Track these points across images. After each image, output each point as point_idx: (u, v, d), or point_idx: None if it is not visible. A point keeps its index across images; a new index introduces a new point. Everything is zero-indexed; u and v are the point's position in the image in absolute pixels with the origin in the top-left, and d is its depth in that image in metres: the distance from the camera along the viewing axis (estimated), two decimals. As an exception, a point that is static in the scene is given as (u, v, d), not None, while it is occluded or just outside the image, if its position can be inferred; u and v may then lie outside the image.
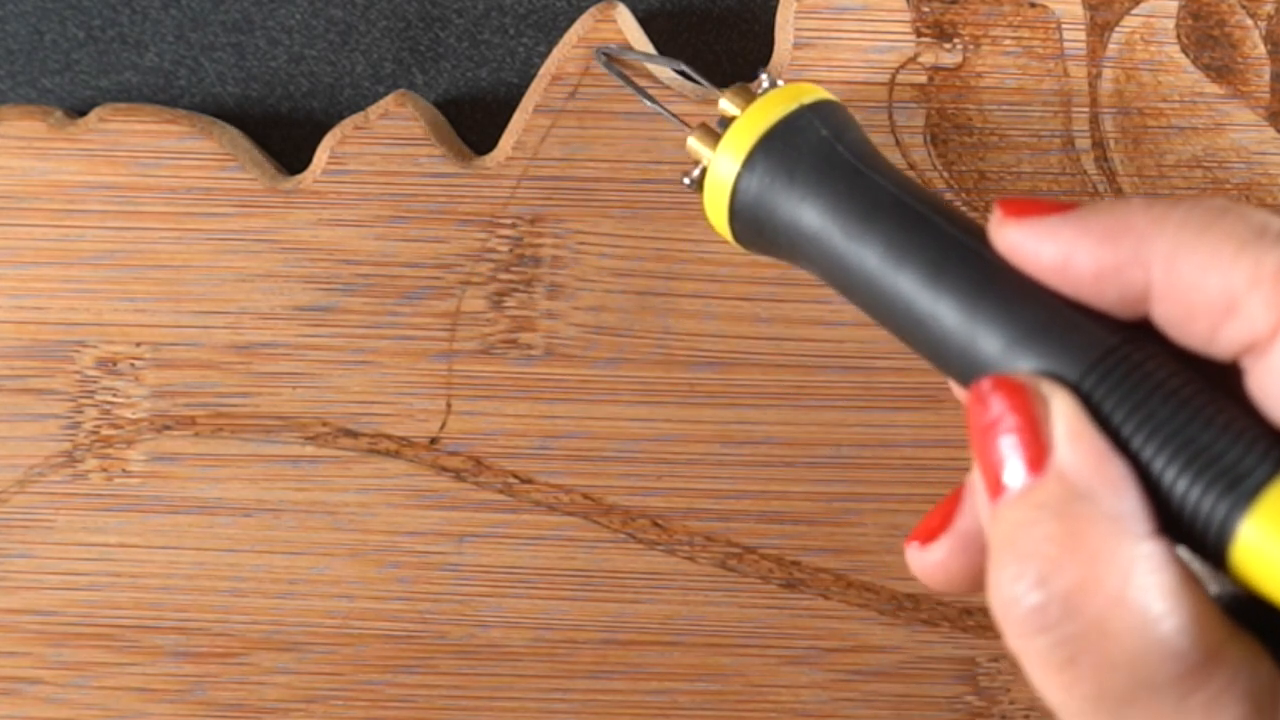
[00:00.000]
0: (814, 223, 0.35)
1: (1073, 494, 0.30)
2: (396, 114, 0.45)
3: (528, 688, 0.46)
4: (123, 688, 0.46)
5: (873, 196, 0.35)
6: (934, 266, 0.33)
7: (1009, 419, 0.31)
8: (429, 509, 0.46)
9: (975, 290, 0.33)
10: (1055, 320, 0.32)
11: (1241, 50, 0.44)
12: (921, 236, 0.34)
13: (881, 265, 0.34)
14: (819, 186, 0.35)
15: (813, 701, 0.46)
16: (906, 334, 0.34)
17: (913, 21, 0.44)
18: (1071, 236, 0.32)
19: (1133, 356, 0.31)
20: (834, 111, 0.37)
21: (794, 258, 0.36)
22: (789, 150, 0.36)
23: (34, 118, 0.45)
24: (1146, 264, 0.31)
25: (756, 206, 0.36)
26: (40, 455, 0.46)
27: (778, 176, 0.36)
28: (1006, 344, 0.32)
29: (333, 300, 0.45)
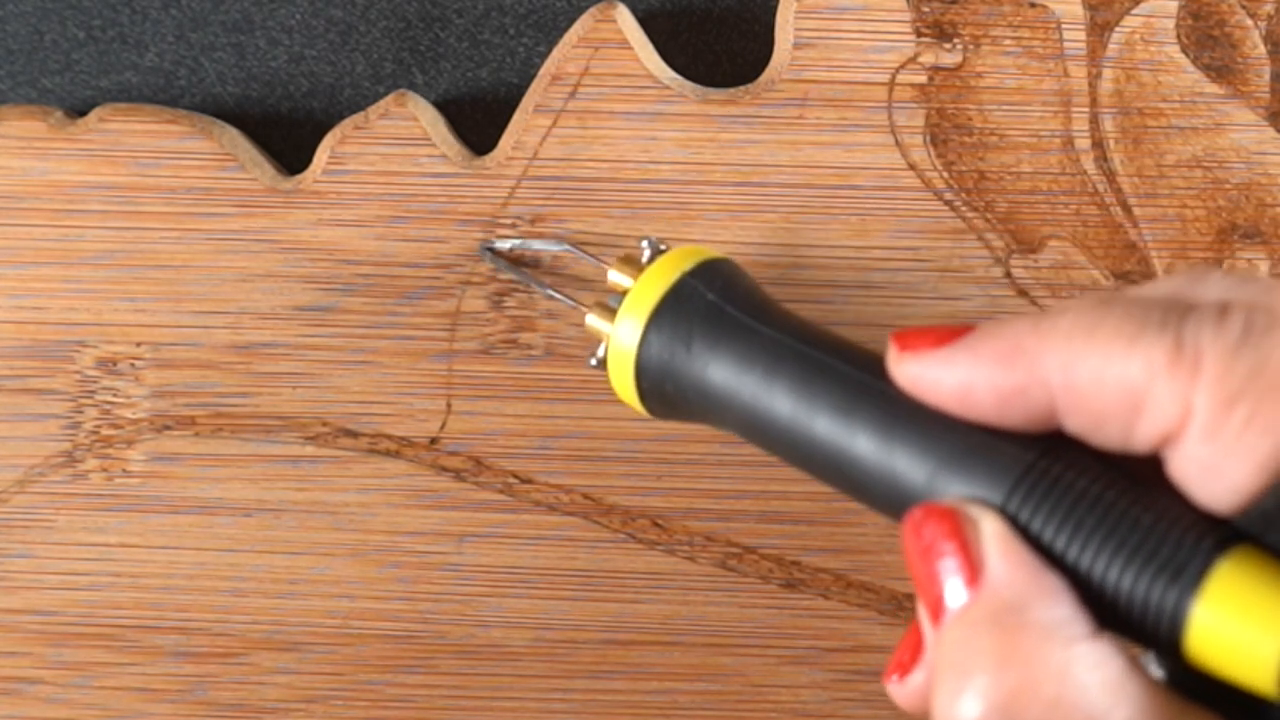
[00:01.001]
0: (719, 386, 0.36)
1: (1006, 608, 0.30)
2: (396, 114, 0.45)
3: (528, 688, 0.46)
4: (123, 688, 0.46)
5: (771, 352, 0.35)
6: (844, 412, 0.34)
7: (942, 544, 0.31)
8: (429, 509, 0.46)
9: (888, 429, 0.33)
10: (972, 446, 0.32)
11: (1241, 50, 0.44)
12: (827, 384, 0.34)
13: (793, 417, 0.35)
14: (716, 351, 0.36)
15: (813, 701, 0.46)
16: (831, 478, 0.35)
17: (913, 21, 0.44)
18: (966, 366, 0.32)
19: (1052, 470, 0.31)
20: (718, 271, 0.38)
21: (707, 420, 0.37)
22: (680, 321, 0.37)
23: (34, 118, 0.45)
24: (1044, 382, 0.31)
25: (662, 379, 0.37)
26: (40, 455, 0.46)
27: (675, 348, 0.37)
28: (929, 476, 0.32)
29: (333, 300, 0.45)
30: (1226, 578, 0.30)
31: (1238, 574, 0.30)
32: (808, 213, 0.45)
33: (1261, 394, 0.29)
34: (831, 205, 0.45)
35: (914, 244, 0.45)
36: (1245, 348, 0.30)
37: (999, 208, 0.45)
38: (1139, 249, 0.45)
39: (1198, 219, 0.44)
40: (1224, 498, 0.30)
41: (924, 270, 0.45)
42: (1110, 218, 0.45)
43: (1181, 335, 0.30)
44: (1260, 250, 0.44)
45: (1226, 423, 0.30)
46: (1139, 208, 0.44)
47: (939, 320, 0.45)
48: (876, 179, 0.44)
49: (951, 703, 0.30)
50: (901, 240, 0.45)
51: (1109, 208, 0.45)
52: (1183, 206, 0.44)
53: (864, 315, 0.45)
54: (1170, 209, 0.44)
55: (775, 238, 0.45)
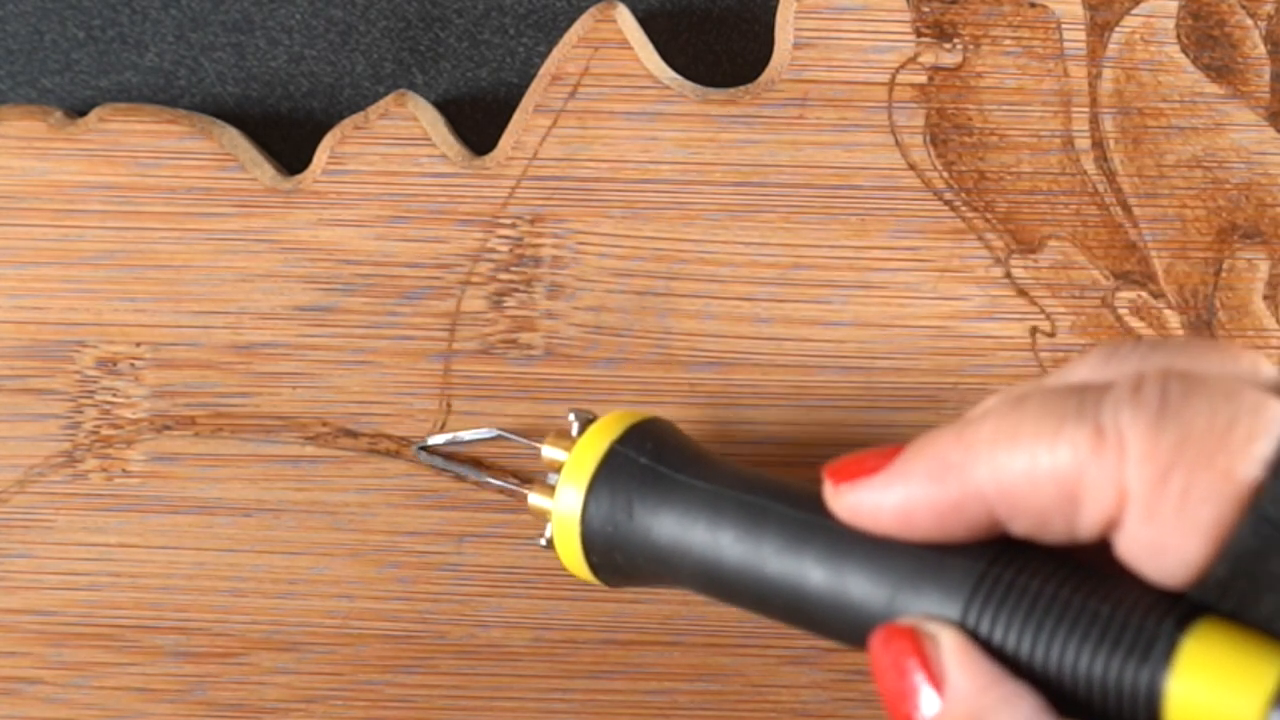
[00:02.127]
0: (667, 545, 0.37)
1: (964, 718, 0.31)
2: (396, 114, 0.45)
3: (528, 688, 0.46)
4: (123, 688, 0.46)
5: (712, 504, 0.36)
6: (792, 552, 0.34)
7: (905, 661, 0.32)
8: (429, 509, 0.46)
9: (838, 561, 0.34)
10: (922, 565, 0.33)
11: (1241, 50, 0.44)
12: (771, 527, 0.35)
13: (743, 564, 0.35)
14: (658, 512, 0.37)
15: (813, 701, 0.46)
16: (789, 617, 0.35)
17: (913, 21, 0.44)
18: (900, 490, 0.32)
19: (1004, 576, 0.32)
20: (648, 433, 0.38)
21: (662, 580, 0.38)
22: (618, 489, 0.38)
23: (34, 118, 0.45)
24: (978, 492, 0.31)
25: (610, 549, 0.38)
26: (40, 455, 0.46)
27: (617, 516, 0.37)
28: (887, 601, 0.33)
29: (333, 300, 0.45)
30: (1195, 650, 0.30)
31: (1205, 644, 0.30)
32: (808, 213, 0.45)
33: (1192, 463, 0.29)
34: (831, 205, 0.45)
35: (914, 244, 0.45)
36: (1165, 419, 0.29)
37: (999, 208, 0.45)
38: (1139, 249, 0.45)
39: (1198, 219, 0.44)
40: (1175, 573, 0.30)
41: (924, 270, 0.45)
42: (1110, 218, 0.45)
43: (1100, 418, 0.30)
44: (1260, 250, 0.44)
45: (1163, 499, 0.29)
46: (1139, 208, 0.44)
47: (940, 319, 0.45)
48: (876, 179, 0.44)
49: None
50: (901, 240, 0.45)
51: (1109, 208, 0.45)
52: (1183, 206, 0.44)
53: (864, 315, 0.45)
54: (1170, 209, 0.44)
55: (775, 238, 0.45)
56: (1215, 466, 0.29)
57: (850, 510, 0.33)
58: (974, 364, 0.45)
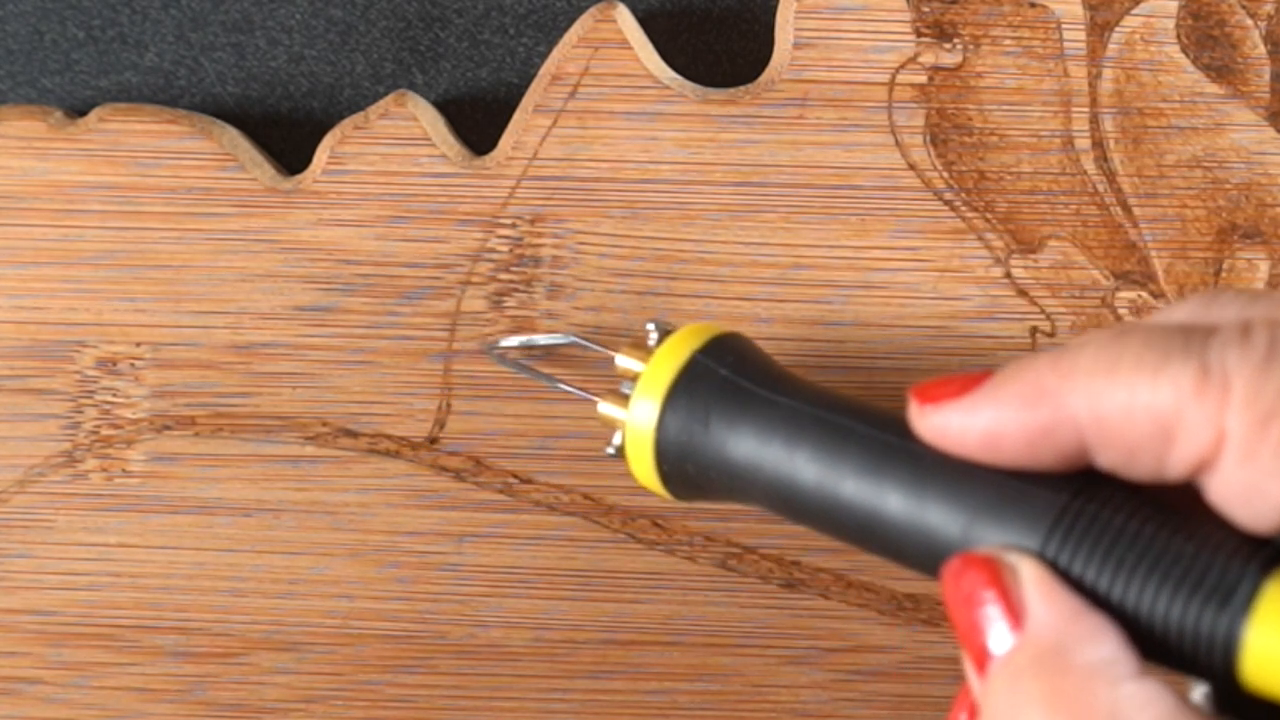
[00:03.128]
0: (741, 460, 0.36)
1: (1049, 651, 0.30)
2: (396, 114, 0.45)
3: (528, 688, 0.46)
4: (122, 688, 0.46)
5: (791, 421, 0.35)
6: (871, 474, 0.34)
7: (982, 592, 0.31)
8: (429, 509, 0.46)
9: (918, 484, 0.33)
10: (1003, 494, 0.32)
11: (1241, 50, 0.44)
12: (851, 448, 0.34)
13: (819, 484, 0.34)
14: (736, 426, 0.36)
15: (813, 701, 0.46)
16: (862, 540, 0.34)
17: (913, 21, 0.44)
18: (990, 412, 0.32)
19: (1087, 510, 0.31)
20: (729, 347, 0.38)
21: (733, 496, 0.37)
22: (696, 400, 0.37)
23: (34, 118, 0.45)
24: (1072, 420, 0.31)
25: (683, 460, 0.37)
26: (40, 455, 0.46)
27: (693, 427, 0.37)
28: (964, 528, 0.32)
29: (333, 300, 0.45)
30: (1277, 597, 0.29)
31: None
32: (808, 213, 0.45)
33: None
34: (831, 205, 0.45)
35: (914, 244, 0.45)
36: (1273, 365, 0.29)
37: (999, 208, 0.45)
38: (1139, 249, 0.45)
39: (1198, 219, 0.44)
40: (1268, 517, 0.30)
41: (924, 270, 0.45)
42: (1110, 218, 0.45)
43: (1207, 359, 0.30)
44: (1260, 250, 0.44)
45: (1263, 442, 0.29)
46: (1139, 208, 0.44)
47: (940, 319, 0.45)
48: (876, 179, 0.44)
49: None
50: (901, 240, 0.45)
51: (1109, 208, 0.45)
52: (1183, 206, 0.44)
53: (864, 315, 0.45)
54: (1170, 209, 0.44)
55: (775, 238, 0.45)
56: None
57: (936, 431, 0.33)
58: (974, 364, 0.45)
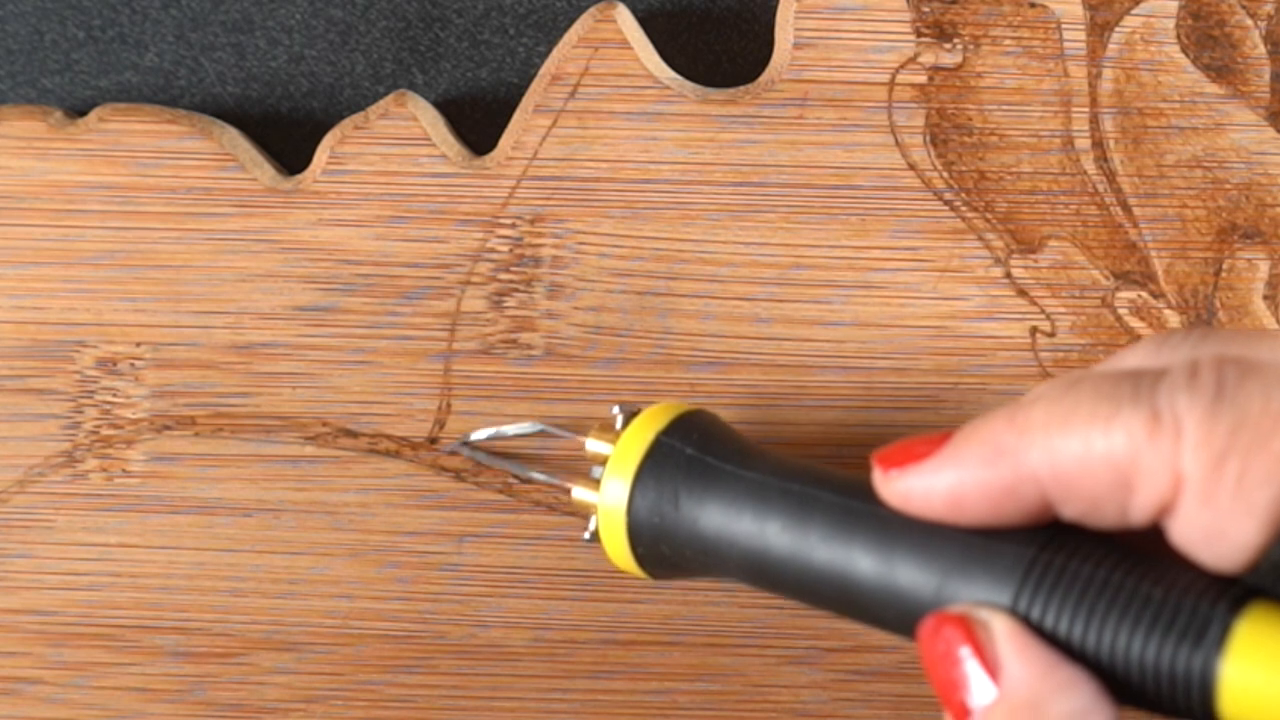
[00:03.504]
0: (713, 536, 0.36)
1: (1023, 707, 0.31)
2: (396, 114, 0.45)
3: (528, 688, 0.46)
4: (122, 688, 0.46)
5: (758, 494, 0.36)
6: (841, 540, 0.34)
7: (957, 650, 0.31)
8: (429, 509, 0.46)
9: (886, 549, 0.33)
10: (971, 552, 0.32)
11: (1241, 50, 0.44)
12: (818, 516, 0.35)
13: (792, 554, 0.35)
14: (704, 502, 0.37)
15: (813, 701, 0.46)
16: (838, 606, 0.35)
17: (913, 21, 0.44)
18: (952, 474, 0.32)
19: (1055, 561, 0.31)
20: (694, 424, 0.38)
21: (708, 571, 0.37)
22: (664, 480, 0.37)
23: (34, 118, 0.45)
24: (1032, 476, 0.31)
25: (656, 540, 0.38)
26: (40, 455, 0.46)
27: (664, 507, 0.37)
28: (935, 589, 0.33)
29: (333, 300, 0.45)
30: (1249, 633, 0.30)
31: (1260, 627, 0.30)
32: (808, 213, 0.45)
33: (1248, 448, 0.29)
34: (831, 205, 0.45)
35: (914, 244, 0.45)
36: (1221, 404, 0.29)
37: (999, 208, 0.45)
38: (1139, 249, 0.45)
39: (1198, 219, 0.44)
40: (1231, 557, 0.30)
41: (924, 270, 0.45)
42: (1110, 218, 0.45)
43: (1156, 403, 0.30)
44: (1260, 250, 0.44)
45: (1220, 483, 0.29)
46: (1139, 208, 0.44)
47: (940, 319, 0.45)
48: (876, 179, 0.44)
49: None
50: (901, 240, 0.45)
51: (1109, 208, 0.45)
52: (1183, 206, 0.44)
53: (864, 315, 0.45)
54: (1170, 209, 0.44)
55: (775, 238, 0.45)
56: (1271, 450, 0.29)
57: (900, 496, 0.33)
58: (974, 364, 0.45)
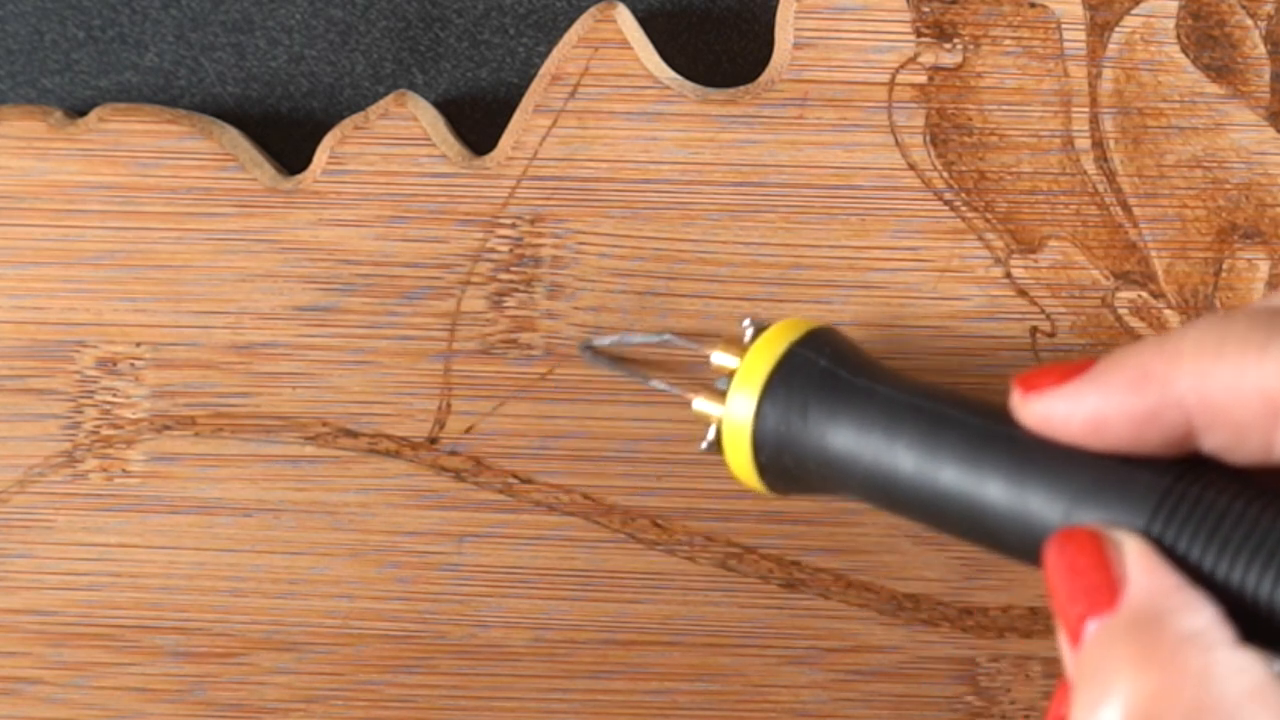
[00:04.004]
0: (840, 451, 0.36)
1: (1145, 618, 0.30)
2: (396, 114, 0.45)
3: (528, 688, 0.46)
4: (122, 688, 0.46)
5: (890, 410, 0.35)
6: (971, 460, 0.34)
7: (1083, 565, 0.31)
8: (429, 509, 0.46)
9: (1018, 471, 0.33)
10: (1105, 478, 0.32)
11: (1241, 50, 0.44)
12: (949, 435, 0.34)
13: (918, 472, 0.34)
14: (835, 415, 0.36)
15: (813, 701, 0.46)
16: (961, 528, 0.34)
17: (913, 21, 0.44)
18: (1095, 398, 0.32)
19: (1191, 491, 0.31)
20: (827, 339, 0.38)
21: (829, 488, 0.37)
22: (795, 391, 0.37)
23: (34, 118, 0.45)
24: (1178, 404, 0.31)
25: (780, 452, 0.37)
26: (40, 455, 0.46)
27: (791, 419, 0.36)
28: (1065, 511, 0.32)
29: (333, 300, 0.45)
30: None
31: None
32: (808, 213, 0.45)
33: None
34: (831, 205, 0.45)
35: (914, 244, 0.45)
36: None
37: (999, 208, 0.45)
38: (1139, 249, 0.45)
39: (1198, 219, 0.44)
40: None
41: (924, 270, 0.45)
42: (1110, 218, 0.45)
43: None
44: (1260, 250, 0.44)
45: None
46: (1139, 208, 0.44)
47: (940, 319, 0.45)
48: (876, 179, 0.44)
49: (1089, 714, 0.30)
50: (901, 240, 0.45)
51: (1109, 208, 0.45)
52: (1183, 206, 0.44)
53: (864, 315, 0.45)
54: (1170, 209, 0.44)
55: (775, 238, 0.45)
56: None
57: (1040, 418, 0.33)
58: (974, 364, 0.45)
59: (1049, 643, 0.45)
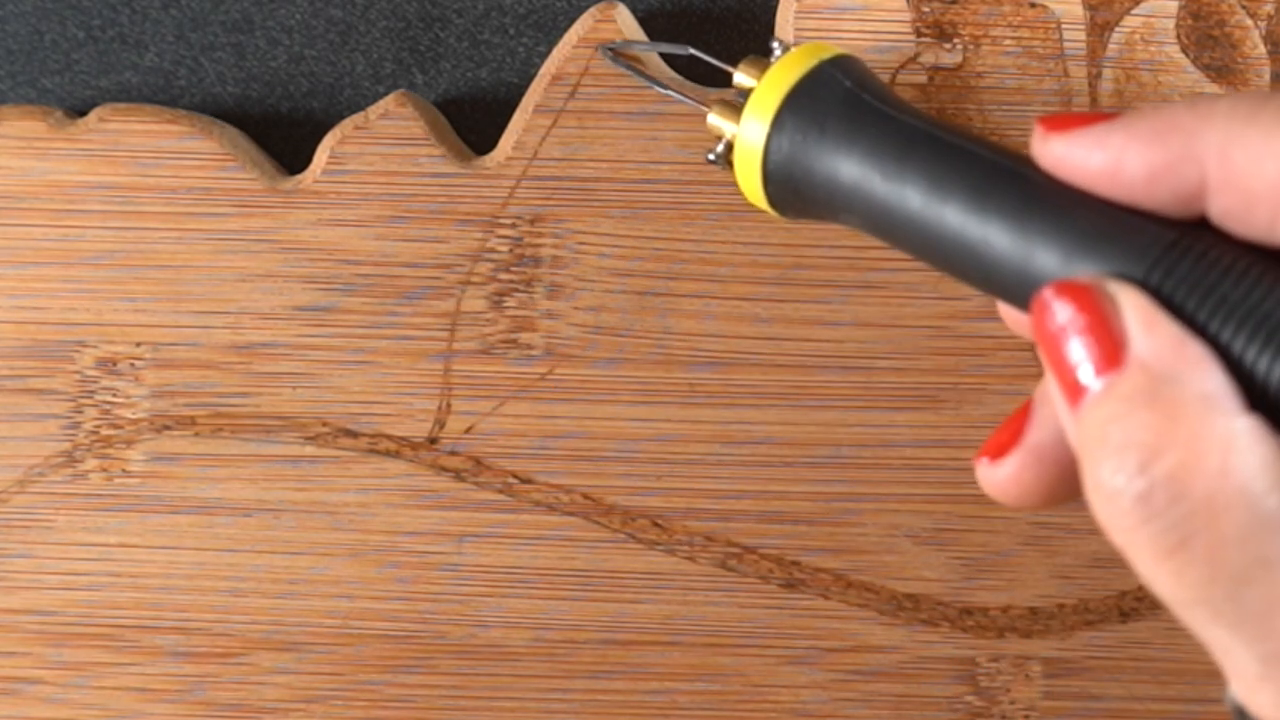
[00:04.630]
0: (851, 172, 0.35)
1: (1158, 379, 0.29)
2: (396, 114, 0.45)
3: (528, 688, 0.46)
4: (123, 688, 0.46)
5: (906, 135, 0.34)
6: (979, 193, 0.33)
7: (1078, 320, 0.30)
8: (429, 509, 0.46)
9: (1024, 208, 0.32)
10: (1111, 225, 0.31)
11: (1241, 50, 0.44)
12: (962, 166, 0.33)
13: (925, 201, 0.34)
14: (851, 135, 0.35)
15: (813, 701, 0.46)
16: (959, 266, 0.33)
17: (913, 21, 0.44)
18: (1119, 141, 0.31)
19: (1195, 247, 0.30)
20: (854, 64, 0.37)
21: (834, 212, 0.36)
22: (815, 105, 0.36)
23: (34, 118, 0.45)
24: (1199, 159, 0.30)
25: (790, 165, 0.36)
26: (40, 455, 0.46)
27: (808, 132, 0.36)
28: (1064, 256, 0.31)
29: (333, 300, 0.45)
30: None
31: None
32: (808, 213, 0.45)
33: None
34: (831, 205, 0.45)
35: (914, 244, 0.45)
36: None
37: (999, 208, 0.45)
38: (1139, 249, 0.45)
39: (1198, 219, 0.44)
40: None
41: (924, 270, 0.45)
42: (1110, 218, 0.44)
43: None
44: (1260, 250, 0.44)
45: None
46: (1139, 208, 0.44)
47: (940, 319, 0.45)
48: (876, 179, 0.44)
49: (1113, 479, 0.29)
50: (901, 240, 0.45)
51: (1109, 208, 0.44)
52: (1183, 206, 0.44)
53: (864, 315, 0.45)
54: (1170, 209, 0.44)
55: (775, 238, 0.45)
56: None
57: (1058, 158, 0.32)
58: (974, 364, 0.45)
59: (1049, 643, 0.46)
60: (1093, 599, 0.45)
